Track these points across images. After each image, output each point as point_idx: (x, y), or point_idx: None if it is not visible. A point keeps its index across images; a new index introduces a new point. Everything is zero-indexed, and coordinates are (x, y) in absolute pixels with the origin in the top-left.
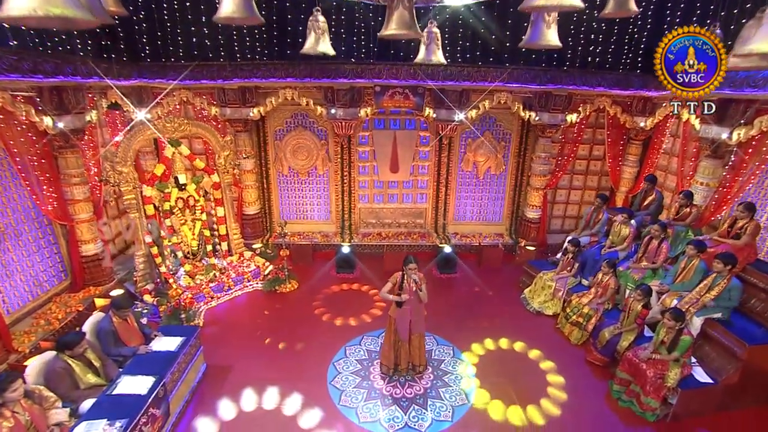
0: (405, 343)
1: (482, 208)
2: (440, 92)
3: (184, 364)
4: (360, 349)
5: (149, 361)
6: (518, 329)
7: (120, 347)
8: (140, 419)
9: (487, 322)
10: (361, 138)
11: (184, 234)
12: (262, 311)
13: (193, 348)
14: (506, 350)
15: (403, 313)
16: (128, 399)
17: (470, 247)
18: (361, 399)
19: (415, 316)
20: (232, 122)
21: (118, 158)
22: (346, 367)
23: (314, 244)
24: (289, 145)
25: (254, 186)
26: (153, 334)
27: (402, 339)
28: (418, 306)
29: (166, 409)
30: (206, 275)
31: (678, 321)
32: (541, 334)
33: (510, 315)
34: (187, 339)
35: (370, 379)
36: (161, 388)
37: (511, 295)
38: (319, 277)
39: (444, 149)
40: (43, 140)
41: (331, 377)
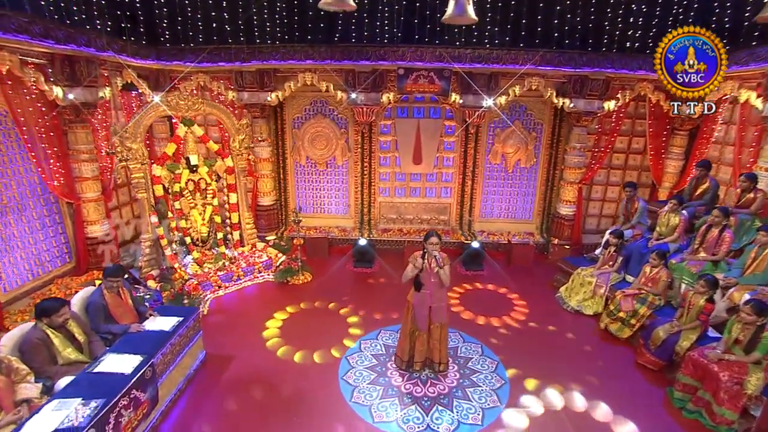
0: (422, 334)
1: (511, 204)
2: (467, 76)
3: (179, 347)
4: (376, 343)
5: (140, 340)
6: (555, 329)
7: (110, 324)
8: (120, 401)
9: (516, 321)
10: (382, 127)
11: (193, 219)
12: (272, 301)
13: (190, 331)
14: None
15: (422, 297)
16: (109, 378)
17: (498, 245)
18: (376, 396)
19: (435, 302)
20: (249, 107)
21: (128, 133)
22: (360, 361)
23: (331, 238)
24: (308, 133)
25: (270, 176)
26: (148, 313)
27: (419, 329)
28: (440, 290)
29: (154, 395)
30: (215, 264)
31: (762, 315)
32: (581, 335)
33: (545, 313)
34: (184, 320)
35: (387, 376)
36: (149, 368)
37: (544, 294)
38: (335, 270)
39: (471, 140)
40: (53, 112)
41: (342, 372)
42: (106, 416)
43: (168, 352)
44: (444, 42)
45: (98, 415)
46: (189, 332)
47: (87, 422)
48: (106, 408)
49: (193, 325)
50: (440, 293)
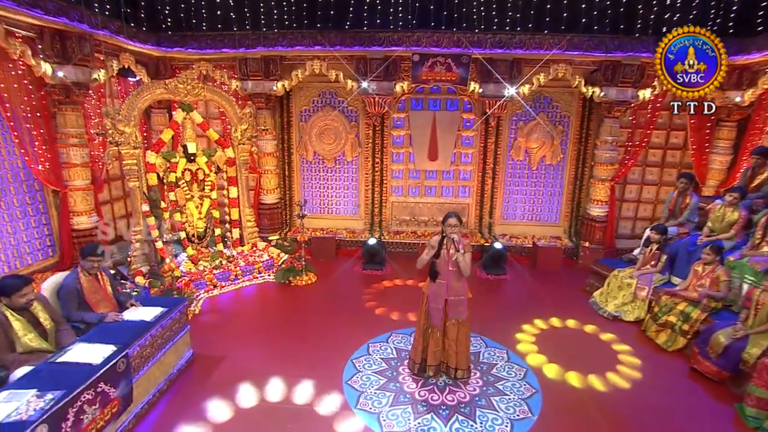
0: (437, 332)
1: (536, 205)
2: (487, 63)
3: (161, 340)
4: (387, 346)
5: (116, 330)
6: (591, 336)
7: (84, 312)
8: (83, 394)
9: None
10: (395, 120)
11: (189, 212)
12: (271, 302)
13: (175, 324)
14: None
15: (438, 289)
16: (74, 368)
17: (522, 249)
18: (386, 403)
19: (452, 295)
20: (253, 98)
21: (121, 116)
22: (368, 365)
23: (338, 239)
24: (315, 126)
25: (274, 172)
26: (129, 303)
27: (434, 325)
28: (458, 281)
29: (127, 392)
30: (211, 262)
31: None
32: (622, 343)
33: (578, 320)
34: (168, 310)
35: (399, 381)
36: (122, 360)
37: (576, 299)
38: (342, 272)
39: (491, 134)
40: (41, 91)
41: (347, 376)
42: (63, 411)
43: (147, 345)
44: (462, 26)
45: (53, 408)
46: (174, 325)
47: (38, 416)
48: (65, 401)
49: (179, 318)
50: (459, 285)
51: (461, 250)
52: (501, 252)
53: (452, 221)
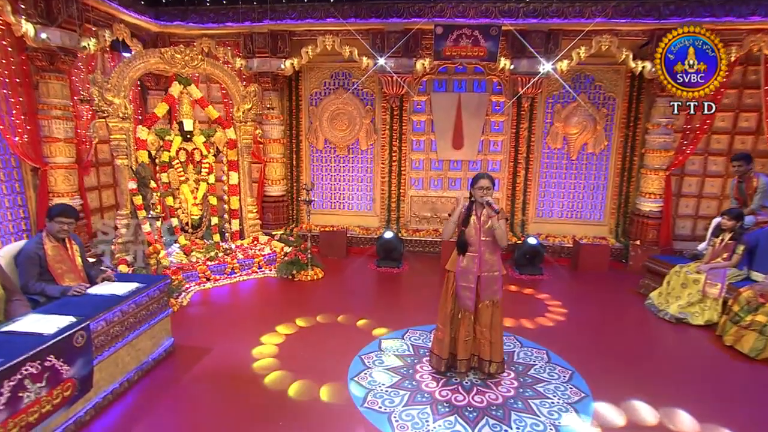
0: (469, 316)
1: (576, 199)
2: (520, 35)
3: (134, 320)
4: (402, 342)
5: (80, 303)
6: (651, 343)
7: (45, 283)
8: (25, 365)
9: (593, 332)
10: (416, 104)
11: (183, 197)
12: (270, 296)
13: (153, 303)
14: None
15: (468, 264)
16: (19, 338)
17: (560, 249)
18: (399, 402)
19: (486, 270)
20: (259, 78)
21: (110, 84)
22: (378, 361)
23: (350, 236)
24: (327, 111)
25: (280, 160)
26: (101, 278)
27: (464, 307)
28: (493, 254)
29: (86, 375)
30: (205, 254)
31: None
32: (689, 348)
33: (632, 323)
34: (145, 286)
35: (416, 379)
36: (81, 333)
37: (628, 301)
38: (353, 269)
39: (524, 118)
40: (22, 55)
41: (354, 372)
42: None
43: (116, 321)
44: None
45: None
46: (151, 304)
47: None
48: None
49: (158, 298)
50: (493, 258)
51: (498, 212)
52: (536, 248)
53: (484, 183)
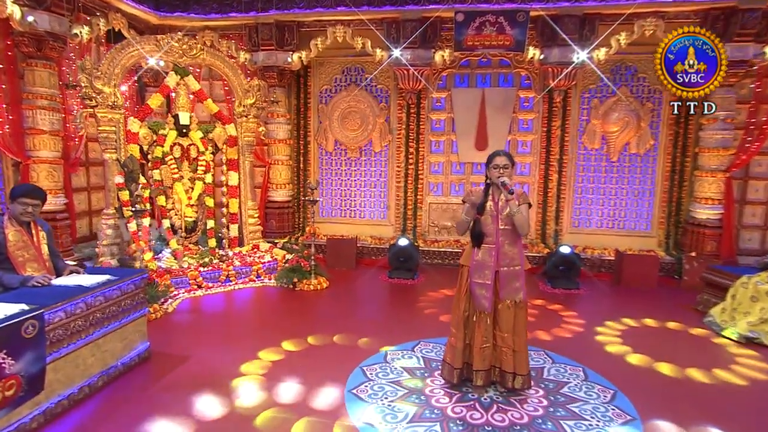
0: (485, 319)
1: (618, 207)
2: (551, 20)
3: (101, 315)
4: (412, 355)
5: (39, 293)
6: (714, 365)
7: (3, 272)
8: None
9: (641, 351)
10: (435, 101)
11: (177, 196)
12: (266, 306)
13: (126, 299)
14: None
15: (484, 257)
16: None
17: (600, 262)
18: (403, 418)
19: (505, 263)
20: (265, 73)
21: (100, 72)
22: (383, 374)
23: (361, 246)
24: (337, 109)
25: (286, 162)
26: (68, 269)
27: (480, 308)
28: (512, 245)
29: (36, 373)
30: (199, 259)
31: None
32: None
33: (688, 342)
34: (117, 279)
35: (425, 394)
36: (32, 322)
37: (684, 318)
38: (362, 280)
39: (556, 116)
40: (7, 39)
41: (352, 384)
42: None
43: (78, 315)
44: None
45: None
46: (123, 300)
47: None
48: None
49: (132, 294)
50: (513, 250)
51: (512, 194)
52: (570, 258)
53: (500, 160)
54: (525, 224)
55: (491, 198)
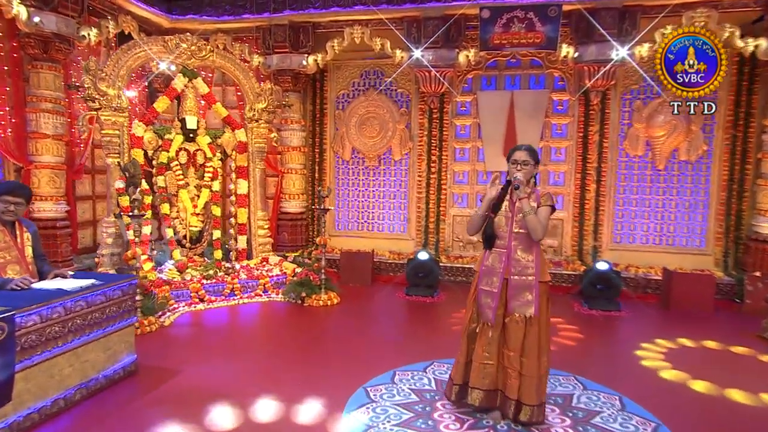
0: (487, 331)
1: (667, 221)
2: (587, 14)
3: (82, 322)
4: (423, 376)
5: (12, 296)
6: None
7: None
8: None
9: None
10: (459, 106)
11: (182, 204)
12: (271, 322)
13: (111, 306)
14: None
15: (494, 263)
16: None
17: (645, 282)
18: None
19: (516, 272)
20: (278, 77)
21: (104, 73)
22: (388, 395)
23: (379, 262)
24: (355, 115)
25: (300, 172)
26: (53, 273)
27: (483, 318)
28: (527, 251)
29: (1, 383)
30: (203, 272)
31: None
32: None
33: (751, 374)
34: (102, 284)
35: (433, 418)
36: (2, 325)
37: (749, 345)
38: (377, 297)
39: (593, 120)
40: (13, 41)
41: (352, 406)
42: None
43: (55, 320)
44: None
45: None
46: (108, 307)
47: None
48: None
49: (118, 300)
50: (527, 258)
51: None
52: (608, 276)
53: (519, 155)
54: (538, 228)
55: (509, 198)
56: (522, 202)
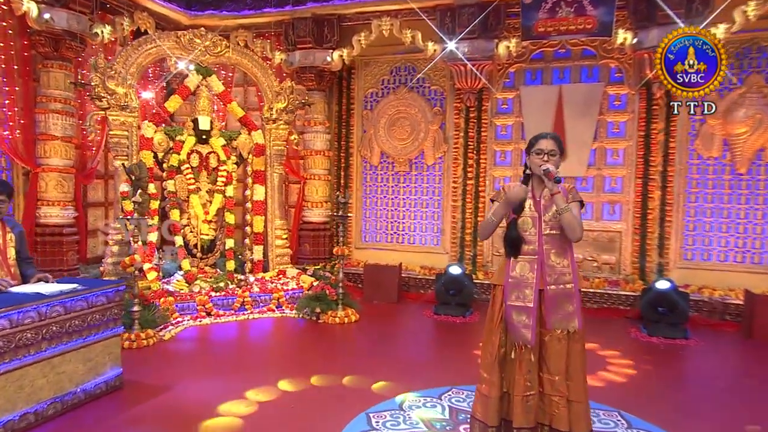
0: (528, 356)
1: (750, 235)
2: None
3: (57, 329)
4: (436, 404)
5: None
6: None
7: None
8: None
9: None
10: (500, 104)
11: (193, 211)
12: (281, 339)
13: (94, 313)
14: None
15: (523, 272)
16: None
17: (723, 307)
18: None
19: (554, 281)
20: (301, 75)
21: (113, 71)
22: (392, 422)
23: (407, 277)
24: (385, 115)
25: (324, 178)
26: (36, 277)
27: (520, 341)
28: (561, 255)
29: None
30: (214, 283)
31: None
32: None
33: None
34: (85, 288)
35: None
36: None
37: None
38: (401, 315)
39: (657, 116)
40: (23, 39)
41: None
42: None
43: (27, 326)
44: None
45: None
46: (91, 314)
47: None
48: None
49: (102, 307)
50: (562, 261)
51: (559, 182)
52: (672, 298)
53: (545, 144)
54: (576, 226)
55: (532, 195)
56: (557, 198)
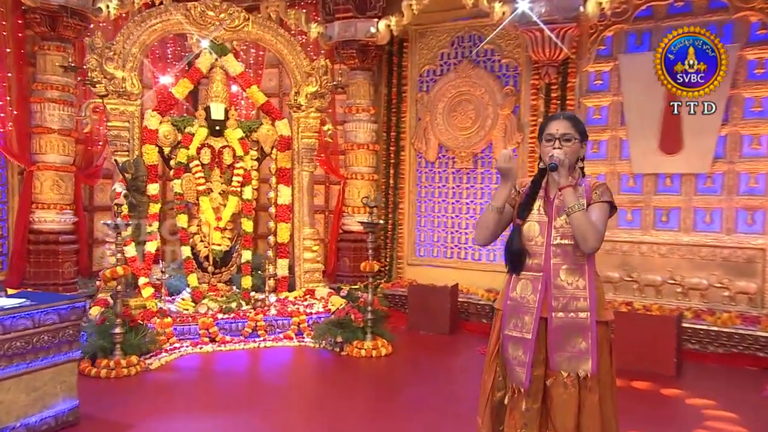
0: (523, 404)
1: None
2: None
3: None
4: None
5: None
6: None
7: None
8: None
9: None
10: (592, 79)
11: (204, 216)
12: (292, 373)
13: (43, 335)
14: None
15: (524, 293)
16: None
17: None
18: None
19: (560, 306)
20: (342, 51)
21: (113, 52)
22: None
23: (467, 302)
24: (443, 98)
25: (369, 177)
26: None
27: (514, 382)
28: (576, 274)
29: None
30: (224, 303)
31: None
32: None
33: None
34: (31, 304)
35: None
36: None
37: None
38: (447, 350)
39: None
40: (17, 17)
41: None
42: None
43: None
44: None
45: None
46: (38, 336)
47: None
48: None
49: (54, 328)
50: (576, 280)
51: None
52: None
53: (557, 126)
54: (588, 231)
55: (543, 194)
56: (565, 193)
